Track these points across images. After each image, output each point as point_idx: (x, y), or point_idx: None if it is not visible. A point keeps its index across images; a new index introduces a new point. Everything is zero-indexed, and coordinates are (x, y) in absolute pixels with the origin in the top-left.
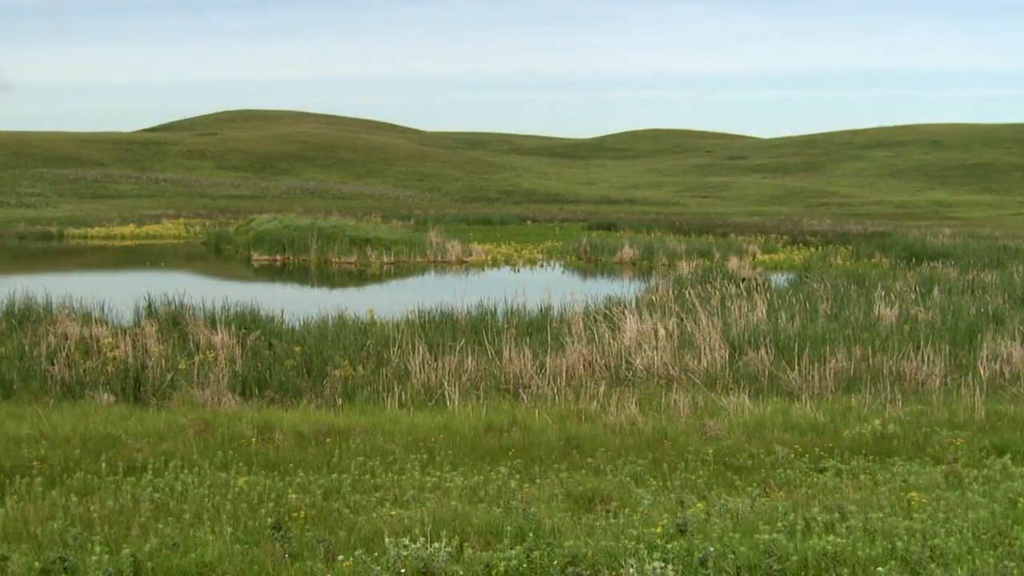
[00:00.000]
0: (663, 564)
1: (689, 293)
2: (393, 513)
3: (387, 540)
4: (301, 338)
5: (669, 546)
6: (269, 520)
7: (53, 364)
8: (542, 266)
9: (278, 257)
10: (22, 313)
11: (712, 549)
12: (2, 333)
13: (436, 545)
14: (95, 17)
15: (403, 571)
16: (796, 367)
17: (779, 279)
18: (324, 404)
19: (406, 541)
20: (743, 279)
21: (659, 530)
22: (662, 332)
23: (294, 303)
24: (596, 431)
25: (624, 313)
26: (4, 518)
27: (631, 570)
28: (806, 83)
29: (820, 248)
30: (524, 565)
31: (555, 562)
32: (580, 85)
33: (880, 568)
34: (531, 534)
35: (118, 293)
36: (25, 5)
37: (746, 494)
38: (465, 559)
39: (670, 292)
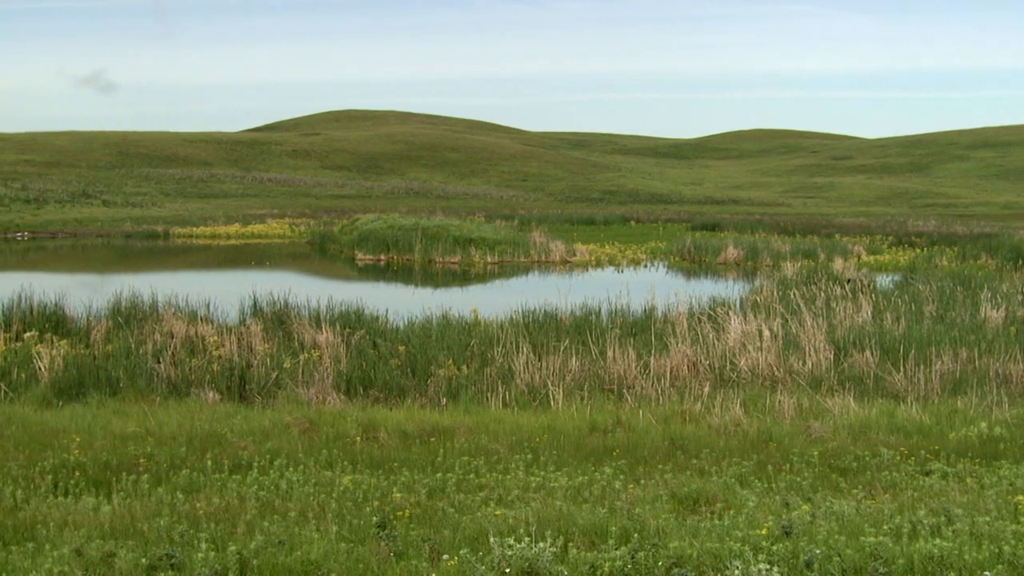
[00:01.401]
0: (768, 566)
1: (794, 294)
2: (498, 513)
3: (492, 539)
4: (405, 337)
5: (774, 548)
6: (374, 519)
7: (159, 362)
8: (646, 266)
9: (382, 257)
10: (129, 312)
11: (818, 551)
12: (109, 331)
13: (541, 545)
14: (200, 17)
15: (508, 571)
16: (901, 369)
17: (884, 280)
18: (428, 403)
19: (511, 541)
20: (848, 280)
21: (764, 532)
22: (767, 333)
23: (398, 302)
24: (700, 432)
25: (728, 314)
26: (111, 515)
27: (736, 572)
28: (911, 83)
29: (925, 249)
30: (629, 566)
31: (660, 563)
32: (685, 85)
33: (987, 572)
34: (636, 535)
35: (223, 292)
36: (130, 6)
37: (851, 496)
38: (570, 559)
39: (775, 293)
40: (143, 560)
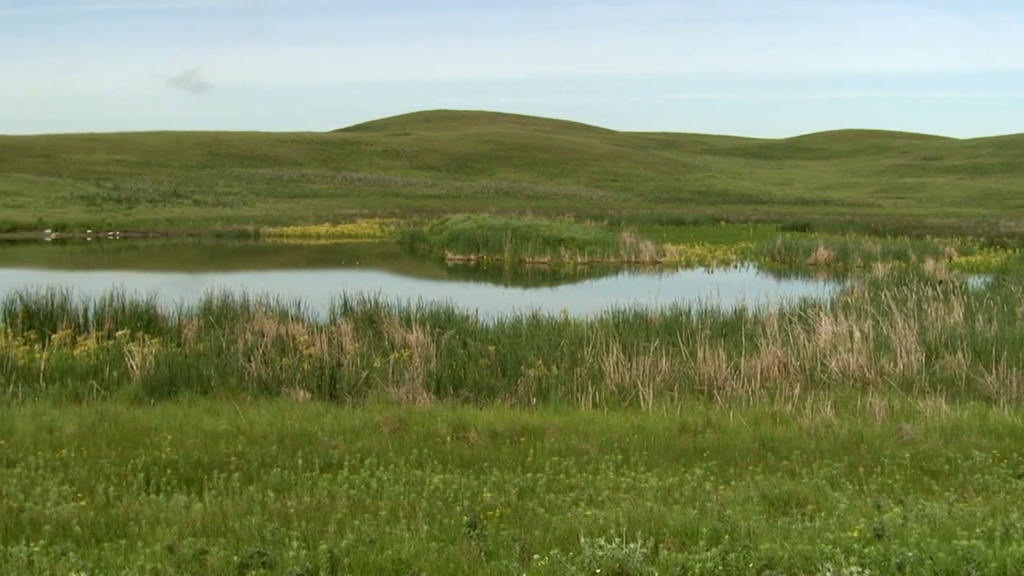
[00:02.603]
0: (860, 569)
1: (885, 295)
2: (588, 513)
3: (582, 540)
4: (495, 337)
5: (866, 551)
6: (464, 518)
7: (250, 361)
8: (736, 267)
9: (472, 256)
10: (220, 311)
11: (910, 554)
12: (200, 330)
13: (632, 546)
14: (292, 18)
15: (598, 571)
16: (994, 371)
17: (976, 282)
18: (518, 403)
19: (601, 541)
20: (939, 281)
21: (855, 534)
22: (857, 334)
23: (488, 302)
24: (791, 433)
25: (819, 315)
26: (203, 512)
27: (828, 575)
28: (1003, 83)
29: (1018, 250)
30: (720, 568)
31: (751, 565)
32: (775, 85)
33: None
34: (726, 536)
35: (314, 291)
36: (223, 6)
37: (943, 499)
38: (660, 560)
39: (865, 294)
40: (235, 558)
